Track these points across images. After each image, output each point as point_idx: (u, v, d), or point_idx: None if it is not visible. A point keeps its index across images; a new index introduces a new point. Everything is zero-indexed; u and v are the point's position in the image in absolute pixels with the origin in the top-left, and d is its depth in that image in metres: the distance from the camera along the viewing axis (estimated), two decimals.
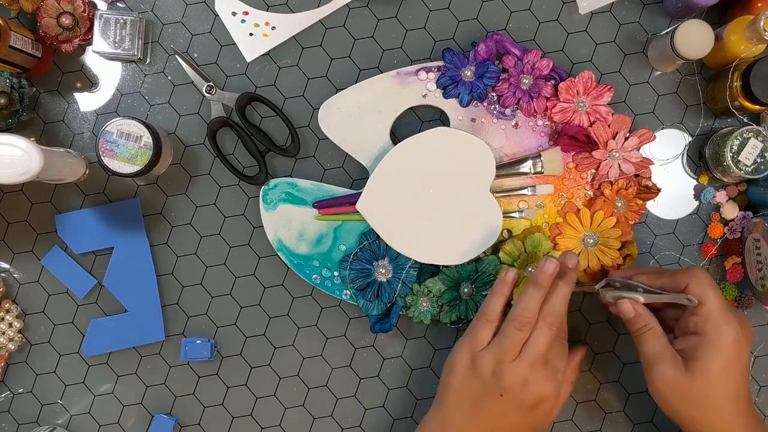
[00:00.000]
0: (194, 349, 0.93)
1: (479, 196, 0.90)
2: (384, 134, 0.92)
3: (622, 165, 0.90)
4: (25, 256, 0.94)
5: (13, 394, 0.94)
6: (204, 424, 0.95)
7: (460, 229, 0.90)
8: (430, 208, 0.90)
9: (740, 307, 0.94)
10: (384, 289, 0.90)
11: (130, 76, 0.95)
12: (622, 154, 0.90)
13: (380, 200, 0.90)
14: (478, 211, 0.90)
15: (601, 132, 0.90)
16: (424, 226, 0.90)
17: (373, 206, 0.90)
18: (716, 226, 0.94)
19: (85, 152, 0.94)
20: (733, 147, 0.89)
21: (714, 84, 0.93)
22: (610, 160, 0.90)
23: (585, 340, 0.95)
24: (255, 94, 0.93)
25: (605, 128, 0.90)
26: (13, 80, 0.89)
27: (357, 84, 0.92)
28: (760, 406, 0.96)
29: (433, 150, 0.90)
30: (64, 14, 0.90)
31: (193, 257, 0.95)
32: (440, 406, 0.84)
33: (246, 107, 0.94)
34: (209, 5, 0.94)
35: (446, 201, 0.90)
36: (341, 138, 0.92)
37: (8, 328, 0.93)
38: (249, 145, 0.93)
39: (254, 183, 0.93)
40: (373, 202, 0.90)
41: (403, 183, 0.90)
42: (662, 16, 0.95)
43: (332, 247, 0.92)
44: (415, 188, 0.90)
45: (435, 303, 0.90)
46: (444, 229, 0.90)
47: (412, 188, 0.90)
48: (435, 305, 0.90)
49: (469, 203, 0.90)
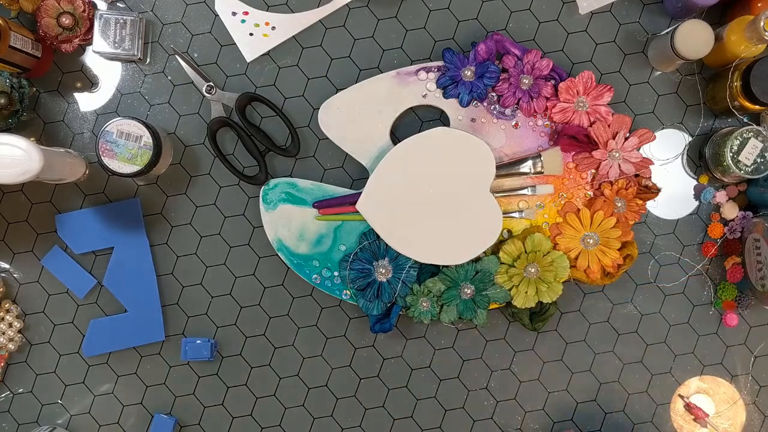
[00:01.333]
0: (194, 349, 0.93)
1: (479, 196, 0.90)
2: (384, 134, 0.92)
3: (622, 165, 0.90)
4: (25, 256, 0.94)
5: (13, 394, 0.94)
6: (204, 424, 0.95)
7: (460, 228, 0.90)
8: (430, 207, 0.90)
9: (740, 307, 0.94)
10: (384, 289, 0.90)
11: (130, 76, 0.95)
12: (622, 154, 0.90)
13: (380, 200, 0.90)
14: (479, 210, 0.90)
15: (601, 132, 0.90)
16: (424, 226, 0.90)
17: (374, 206, 0.90)
18: (716, 226, 0.94)
19: (85, 152, 0.94)
20: (733, 147, 0.89)
21: (714, 84, 0.93)
22: (610, 160, 0.90)
23: (585, 340, 0.95)
24: (255, 94, 0.93)
25: (605, 128, 0.90)
26: (13, 80, 0.89)
27: (357, 84, 0.92)
28: (760, 406, 0.96)
29: (433, 150, 0.90)
30: (64, 14, 0.90)
31: (193, 257, 0.95)
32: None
33: (246, 107, 0.94)
34: (209, 5, 0.94)
35: (446, 201, 0.90)
36: (341, 138, 0.92)
37: (8, 328, 0.93)
38: (249, 145, 0.93)
39: (254, 183, 0.93)
40: (374, 202, 0.90)
41: (403, 183, 0.90)
42: (662, 16, 0.95)
43: (332, 247, 0.92)
44: (415, 188, 0.90)
45: (435, 303, 0.90)
46: (444, 229, 0.90)
47: (413, 188, 0.90)
48: (435, 305, 0.90)
49: (470, 203, 0.90)
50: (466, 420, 0.95)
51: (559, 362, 0.96)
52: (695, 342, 0.96)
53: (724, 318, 0.95)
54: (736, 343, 0.96)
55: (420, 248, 0.90)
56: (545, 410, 0.96)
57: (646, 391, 0.96)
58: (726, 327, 0.95)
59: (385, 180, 0.90)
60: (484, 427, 0.96)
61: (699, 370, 0.96)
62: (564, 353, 0.96)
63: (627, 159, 0.90)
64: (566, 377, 0.96)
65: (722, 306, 0.95)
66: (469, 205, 0.90)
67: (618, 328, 0.96)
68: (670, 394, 0.96)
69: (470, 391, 0.95)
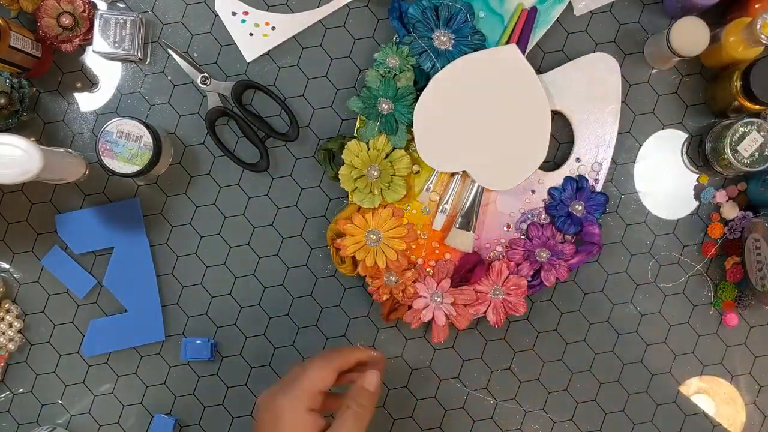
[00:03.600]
0: (194, 349, 0.93)
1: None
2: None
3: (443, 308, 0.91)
4: (25, 256, 0.94)
5: (13, 394, 0.94)
6: (204, 424, 0.95)
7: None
8: (480, 129, 0.90)
9: (740, 307, 0.95)
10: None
11: (130, 76, 0.95)
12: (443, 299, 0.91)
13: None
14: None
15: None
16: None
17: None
18: (716, 226, 0.95)
19: (85, 152, 0.94)
20: (734, 138, 0.88)
21: (714, 84, 0.93)
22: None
23: (585, 340, 0.96)
24: (250, 81, 0.93)
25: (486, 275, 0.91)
26: (13, 80, 0.89)
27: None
28: (760, 406, 0.96)
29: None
30: (64, 14, 0.90)
31: (193, 257, 0.95)
32: None
33: (242, 95, 0.94)
34: (209, 5, 0.94)
35: (495, 122, 0.90)
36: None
37: (8, 328, 0.93)
38: (248, 132, 0.93)
39: (255, 170, 0.93)
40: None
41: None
42: (662, 16, 0.95)
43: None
44: (470, 101, 0.90)
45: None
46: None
47: (468, 101, 0.90)
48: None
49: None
50: (466, 420, 0.95)
51: (559, 362, 0.96)
52: (695, 342, 0.96)
53: (724, 318, 0.95)
54: (736, 343, 0.96)
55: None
56: (545, 410, 0.96)
57: (646, 391, 0.96)
58: (726, 327, 0.95)
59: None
60: (484, 427, 0.96)
61: (699, 370, 0.96)
62: (564, 353, 0.96)
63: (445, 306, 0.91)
64: (566, 377, 0.96)
65: (722, 306, 0.95)
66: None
67: (618, 328, 0.96)
68: (670, 394, 0.96)
69: (470, 391, 0.96)
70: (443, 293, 0.90)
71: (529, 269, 0.91)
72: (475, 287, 0.90)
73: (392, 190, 0.90)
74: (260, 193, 0.95)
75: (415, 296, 0.91)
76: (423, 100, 0.89)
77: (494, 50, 0.90)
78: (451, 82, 0.89)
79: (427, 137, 0.90)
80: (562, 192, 0.92)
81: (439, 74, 0.89)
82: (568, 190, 0.92)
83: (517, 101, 0.89)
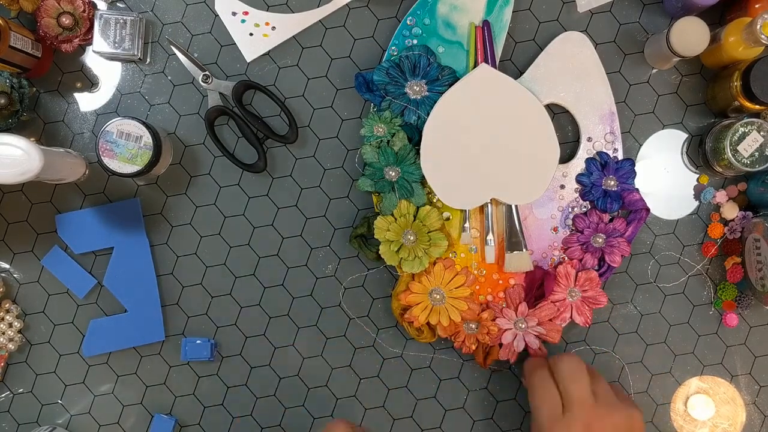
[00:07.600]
0: (194, 349, 0.93)
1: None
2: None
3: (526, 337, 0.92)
4: (25, 256, 0.94)
5: (13, 394, 0.94)
6: (204, 424, 0.95)
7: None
8: (484, 151, 0.90)
9: (740, 307, 0.95)
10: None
11: (130, 76, 0.95)
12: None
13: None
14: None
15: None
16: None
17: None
18: (716, 226, 0.95)
19: (85, 152, 0.94)
20: (734, 138, 0.88)
21: (714, 84, 0.93)
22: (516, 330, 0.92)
23: (585, 340, 0.96)
24: (251, 81, 0.93)
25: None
26: (13, 80, 0.89)
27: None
28: (760, 406, 0.96)
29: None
30: (64, 14, 0.90)
31: (193, 257, 0.95)
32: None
33: (243, 95, 0.94)
34: (209, 5, 0.94)
35: (498, 141, 0.90)
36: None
37: (8, 328, 0.93)
38: (247, 132, 0.93)
39: (253, 171, 0.93)
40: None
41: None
42: (662, 16, 0.95)
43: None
44: (466, 134, 0.90)
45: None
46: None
47: (464, 135, 0.90)
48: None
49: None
50: (466, 420, 0.95)
51: None
52: (695, 342, 0.96)
53: (724, 318, 0.95)
54: (736, 343, 0.96)
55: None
56: None
57: (646, 391, 0.96)
58: (726, 327, 0.95)
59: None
60: (484, 427, 0.96)
61: (699, 370, 0.96)
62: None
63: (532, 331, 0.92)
64: None
65: (722, 306, 0.95)
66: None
67: (618, 328, 0.96)
68: (670, 394, 0.96)
69: (470, 391, 0.96)
70: (525, 318, 0.90)
71: (592, 259, 0.91)
72: (552, 299, 0.90)
73: (434, 245, 0.89)
74: (260, 193, 0.95)
75: (501, 332, 0.91)
76: (425, 152, 0.89)
77: (467, 77, 0.90)
78: (443, 124, 0.89)
79: (443, 184, 0.90)
80: (590, 175, 0.92)
81: (428, 122, 0.89)
82: (594, 171, 0.91)
83: (510, 113, 0.90)
